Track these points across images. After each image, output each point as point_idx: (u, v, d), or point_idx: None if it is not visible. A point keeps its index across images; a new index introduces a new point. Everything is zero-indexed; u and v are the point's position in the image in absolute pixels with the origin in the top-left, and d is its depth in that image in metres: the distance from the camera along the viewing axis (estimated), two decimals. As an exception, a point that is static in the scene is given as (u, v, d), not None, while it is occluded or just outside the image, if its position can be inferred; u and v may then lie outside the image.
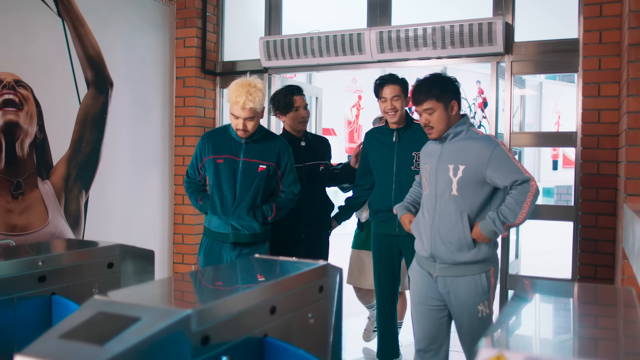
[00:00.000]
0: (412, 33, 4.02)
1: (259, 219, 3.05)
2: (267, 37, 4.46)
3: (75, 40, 3.81)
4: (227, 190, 3.02)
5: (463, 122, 2.69)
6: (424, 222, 2.69)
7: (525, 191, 2.51)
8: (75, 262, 2.07)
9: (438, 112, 2.62)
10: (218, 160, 3.05)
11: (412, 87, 2.68)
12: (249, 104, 2.89)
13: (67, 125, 3.78)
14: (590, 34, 3.49)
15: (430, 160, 2.73)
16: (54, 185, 3.67)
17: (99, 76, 3.99)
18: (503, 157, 2.54)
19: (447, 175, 2.61)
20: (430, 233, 2.64)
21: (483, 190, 2.58)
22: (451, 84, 2.67)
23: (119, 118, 4.13)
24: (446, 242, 2.58)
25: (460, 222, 2.57)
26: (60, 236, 3.64)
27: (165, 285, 1.49)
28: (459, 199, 2.58)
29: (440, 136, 2.67)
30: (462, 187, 2.57)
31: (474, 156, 2.57)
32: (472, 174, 2.56)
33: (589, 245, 3.49)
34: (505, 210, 2.53)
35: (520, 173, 2.52)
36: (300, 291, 1.70)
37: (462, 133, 2.67)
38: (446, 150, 2.67)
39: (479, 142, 2.60)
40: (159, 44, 4.54)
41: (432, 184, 2.68)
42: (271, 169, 3.09)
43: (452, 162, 2.61)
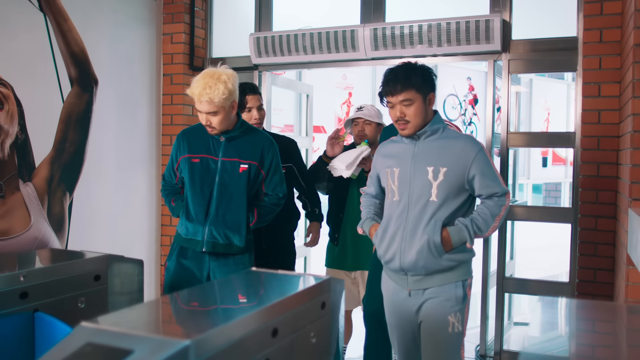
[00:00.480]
0: (407, 30, 3.91)
1: (240, 228, 2.77)
2: (257, 33, 4.33)
3: (58, 36, 3.65)
4: (202, 194, 2.75)
5: (439, 118, 2.45)
6: (392, 232, 2.40)
7: (501, 204, 2.36)
8: (59, 276, 1.94)
9: (417, 104, 2.34)
10: (193, 160, 2.80)
11: (384, 75, 2.42)
12: (205, 97, 2.63)
13: (50, 124, 3.63)
14: (590, 32, 3.41)
15: (400, 162, 2.43)
16: (36, 188, 3.52)
17: (83, 73, 3.84)
18: (486, 162, 2.36)
19: (425, 178, 2.35)
20: (399, 244, 2.36)
21: (460, 197, 2.37)
22: (430, 75, 2.41)
23: (104, 117, 3.99)
24: (417, 252, 2.32)
25: (433, 227, 2.32)
26: (43, 240, 3.50)
27: (159, 308, 1.37)
28: (438, 206, 2.33)
29: (415, 132, 2.39)
30: (442, 192, 2.33)
31: (456, 157, 2.34)
32: (454, 177, 2.33)
33: (588, 249, 3.42)
34: (479, 220, 2.35)
35: (500, 185, 2.37)
36: (303, 310, 1.60)
37: (439, 131, 2.42)
38: (421, 150, 2.39)
39: (461, 141, 2.38)
40: (146, 40, 4.40)
41: (404, 189, 2.39)
42: (253, 168, 2.81)
43: (431, 163, 2.35)
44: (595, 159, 3.42)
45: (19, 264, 1.99)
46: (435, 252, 2.32)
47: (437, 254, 2.33)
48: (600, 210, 3.39)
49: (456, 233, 2.33)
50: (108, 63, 4.04)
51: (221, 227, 2.73)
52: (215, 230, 2.73)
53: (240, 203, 2.77)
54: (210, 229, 2.73)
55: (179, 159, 2.87)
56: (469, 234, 2.33)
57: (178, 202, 2.89)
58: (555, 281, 3.83)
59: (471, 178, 2.35)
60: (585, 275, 3.44)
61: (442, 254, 2.34)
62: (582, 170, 3.45)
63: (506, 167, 3.86)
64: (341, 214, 3.42)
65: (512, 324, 4.43)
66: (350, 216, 3.39)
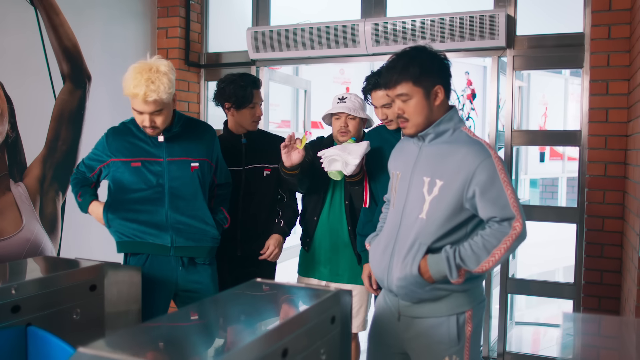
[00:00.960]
0: (410, 25, 3.82)
1: (212, 230, 2.55)
2: (255, 28, 4.22)
3: (49, 31, 3.53)
4: (154, 201, 2.47)
5: (449, 117, 2.00)
6: (382, 247, 2.07)
7: (502, 234, 1.87)
8: (53, 287, 1.84)
9: (415, 99, 1.95)
10: (134, 164, 2.48)
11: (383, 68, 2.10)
12: (152, 95, 2.27)
13: (42, 122, 3.51)
14: (598, 28, 3.32)
15: (404, 166, 2.09)
16: (28, 188, 3.41)
17: (75, 69, 3.71)
18: (492, 175, 1.88)
19: (420, 190, 1.97)
20: (388, 262, 2.02)
21: (457, 218, 1.93)
22: (437, 62, 1.98)
23: (97, 114, 3.87)
24: (400, 278, 1.97)
25: (415, 251, 1.94)
26: (35, 242, 3.39)
27: (161, 331, 1.28)
28: (424, 227, 1.94)
29: (417, 132, 2.01)
30: (434, 210, 1.93)
31: (455, 169, 1.91)
32: (450, 193, 1.91)
33: (595, 250, 3.36)
34: (465, 252, 1.89)
35: (504, 206, 1.87)
36: (313, 326, 1.51)
37: (447, 134, 2.00)
38: (424, 155, 2.02)
39: (465, 148, 1.93)
40: (140, 35, 4.27)
41: (401, 198, 2.05)
42: (205, 165, 2.57)
43: (428, 173, 1.97)
44: (602, 159, 3.34)
45: (10, 275, 1.89)
46: (413, 281, 1.95)
47: (418, 285, 1.95)
48: (607, 211, 3.32)
49: (435, 264, 1.92)
50: (101, 58, 3.92)
51: (186, 232, 2.50)
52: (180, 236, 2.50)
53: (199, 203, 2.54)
54: (174, 234, 2.49)
55: (107, 160, 2.55)
56: (449, 267, 1.88)
57: (85, 198, 2.57)
58: (560, 282, 3.76)
59: (471, 196, 1.90)
60: (592, 277, 3.37)
61: (423, 286, 1.95)
62: (588, 170, 3.38)
63: (510, 165, 3.78)
64: (316, 217, 2.91)
65: (514, 324, 4.37)
66: (328, 221, 2.90)
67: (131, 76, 2.33)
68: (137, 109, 2.37)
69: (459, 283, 1.92)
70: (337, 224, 2.90)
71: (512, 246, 1.88)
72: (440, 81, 1.99)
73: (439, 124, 2.00)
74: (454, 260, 1.89)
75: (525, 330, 4.75)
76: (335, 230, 2.90)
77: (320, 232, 2.93)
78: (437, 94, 1.98)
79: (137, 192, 2.49)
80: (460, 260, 1.89)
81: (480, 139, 2.00)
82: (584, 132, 3.51)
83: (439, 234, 1.93)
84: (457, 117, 2.05)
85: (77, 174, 2.69)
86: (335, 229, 2.90)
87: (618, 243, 3.29)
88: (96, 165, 2.61)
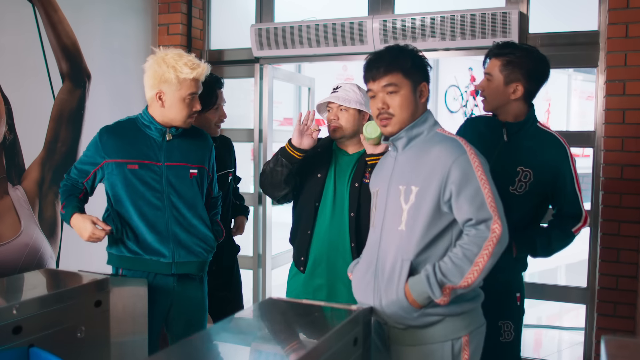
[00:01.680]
0: (419, 22, 3.71)
1: (211, 241, 2.43)
2: (259, 25, 4.10)
3: (47, 28, 3.41)
4: (152, 208, 2.32)
5: (423, 119, 1.86)
6: (363, 270, 1.90)
7: (482, 239, 1.70)
8: (56, 305, 1.74)
9: (403, 92, 1.82)
10: (130, 166, 2.32)
11: (366, 58, 1.95)
12: (208, 69, 2.32)
13: (40, 123, 3.40)
14: (615, 27, 3.22)
15: (382, 180, 1.93)
16: (26, 191, 3.30)
17: (75, 68, 3.60)
18: (467, 172, 1.73)
19: (397, 200, 1.82)
20: (373, 285, 1.83)
21: (437, 225, 1.77)
22: (423, 62, 1.90)
23: (97, 114, 3.76)
24: (386, 303, 1.79)
25: (399, 271, 1.76)
26: (34, 247, 3.29)
27: None
28: (405, 238, 1.78)
29: (399, 130, 1.86)
30: (412, 220, 1.77)
31: (428, 171, 1.77)
32: (427, 199, 1.76)
33: (611, 255, 3.27)
34: (446, 266, 1.71)
35: (481, 206, 1.71)
36: (337, 350, 1.42)
37: (421, 137, 1.86)
38: (398, 164, 1.88)
39: (437, 147, 1.79)
40: (141, 31, 4.16)
41: (380, 214, 1.89)
42: (204, 173, 2.46)
43: (403, 180, 1.82)
44: (619, 161, 3.25)
45: (10, 292, 1.78)
46: (400, 307, 1.77)
47: (405, 311, 1.77)
48: (623, 215, 3.23)
49: (415, 284, 1.73)
50: (101, 56, 3.80)
51: (185, 244, 2.36)
52: (180, 248, 2.36)
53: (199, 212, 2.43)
54: (173, 247, 2.34)
55: (101, 162, 2.38)
56: (430, 285, 1.69)
57: (68, 210, 2.34)
58: (573, 286, 3.67)
59: (448, 198, 1.75)
60: (607, 283, 3.29)
61: (410, 312, 1.77)
62: (604, 173, 3.29)
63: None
64: (310, 230, 2.45)
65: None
66: (328, 235, 2.42)
67: (175, 61, 2.26)
68: (193, 90, 2.30)
69: (445, 303, 1.72)
70: (338, 239, 2.41)
71: (495, 251, 1.71)
72: (425, 79, 1.90)
73: (412, 127, 1.86)
74: (434, 276, 1.70)
75: (527, 333, 4.66)
76: (336, 247, 2.41)
77: (317, 249, 2.44)
78: (422, 92, 1.88)
79: (138, 199, 2.34)
80: (442, 275, 1.71)
81: (456, 137, 1.86)
82: (598, 133, 3.42)
83: (421, 245, 1.76)
84: (432, 119, 1.92)
85: (67, 181, 2.48)
86: (335, 246, 2.41)
87: (635, 247, 3.20)
88: (90, 169, 2.42)
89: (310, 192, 2.45)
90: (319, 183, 2.42)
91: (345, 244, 2.37)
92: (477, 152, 1.79)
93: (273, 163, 2.37)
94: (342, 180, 2.42)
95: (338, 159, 2.46)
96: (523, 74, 2.24)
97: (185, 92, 2.30)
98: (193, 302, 2.48)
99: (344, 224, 2.37)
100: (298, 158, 2.34)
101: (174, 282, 2.37)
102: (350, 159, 2.45)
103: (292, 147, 2.35)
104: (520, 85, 2.25)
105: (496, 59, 2.30)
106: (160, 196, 2.34)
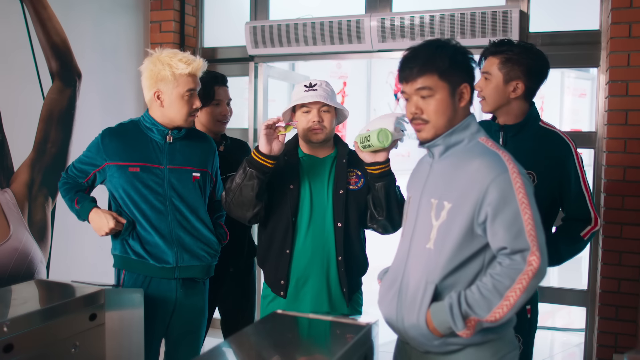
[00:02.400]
0: (418, 20, 3.64)
1: (214, 245, 2.37)
2: (253, 22, 4.02)
3: (36, 26, 3.31)
4: (155, 212, 2.27)
5: (465, 125, 1.68)
6: (388, 284, 1.76)
7: (516, 271, 1.53)
8: (49, 320, 1.66)
9: (439, 96, 1.64)
10: (132, 169, 2.27)
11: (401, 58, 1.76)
12: (204, 66, 2.28)
13: (30, 124, 3.30)
14: (618, 26, 3.17)
15: (415, 187, 1.78)
16: (15, 194, 3.20)
17: (64, 67, 3.49)
18: (506, 193, 1.56)
19: (428, 215, 1.67)
20: (396, 303, 1.69)
21: (470, 247, 1.61)
22: (466, 58, 1.69)
23: (88, 113, 3.66)
24: (408, 325, 1.66)
25: (422, 296, 1.62)
26: (24, 251, 3.19)
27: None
28: (433, 259, 1.63)
29: (434, 137, 1.68)
30: (442, 239, 1.62)
31: (464, 187, 1.60)
32: (459, 218, 1.60)
33: (613, 257, 3.23)
34: (473, 296, 1.55)
35: (518, 234, 1.54)
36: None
37: (461, 145, 1.69)
38: (433, 173, 1.72)
39: (477, 161, 1.61)
40: (132, 29, 4.06)
41: (410, 225, 1.74)
42: (206, 177, 2.41)
43: (436, 194, 1.67)
44: (621, 163, 3.20)
45: (0, 309, 1.69)
46: (420, 332, 1.64)
47: (425, 337, 1.64)
48: (626, 217, 3.19)
49: (438, 313, 1.58)
50: (92, 54, 3.70)
51: (190, 247, 2.31)
52: (184, 252, 2.30)
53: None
54: (178, 251, 2.29)
55: (102, 164, 2.33)
56: (452, 316, 1.54)
57: (85, 205, 2.31)
58: (573, 289, 3.63)
59: (482, 220, 1.58)
60: (609, 286, 3.25)
61: (431, 339, 1.63)
62: (606, 174, 3.24)
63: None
64: (288, 249, 2.19)
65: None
66: (311, 250, 2.19)
67: (170, 58, 2.23)
68: (190, 86, 2.26)
69: (468, 336, 1.55)
70: (322, 254, 2.18)
71: (530, 286, 1.52)
72: (467, 79, 1.68)
73: (451, 133, 1.67)
74: (458, 307, 1.54)
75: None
76: (319, 264, 2.17)
77: (298, 269, 2.18)
78: (462, 94, 1.67)
79: (141, 202, 2.28)
80: (467, 306, 1.54)
81: (500, 151, 1.66)
82: (599, 134, 3.38)
83: (449, 268, 1.60)
84: (474, 126, 1.71)
85: (68, 179, 2.43)
86: (318, 262, 2.18)
87: (637, 250, 3.17)
88: (90, 169, 2.37)
89: (283, 206, 2.20)
90: (293, 195, 2.18)
91: (330, 258, 2.17)
92: (520, 171, 1.60)
93: (240, 178, 2.11)
94: (319, 188, 2.21)
95: (309, 166, 2.24)
96: (523, 70, 2.15)
97: (183, 88, 2.25)
98: (194, 307, 2.42)
99: (327, 236, 2.18)
100: (270, 166, 2.10)
101: (177, 287, 2.32)
102: (324, 164, 2.25)
103: (261, 155, 2.09)
104: (520, 83, 2.16)
105: (494, 57, 2.21)
106: (162, 199, 2.29)
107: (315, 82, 2.21)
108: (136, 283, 2.26)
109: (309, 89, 2.18)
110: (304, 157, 2.26)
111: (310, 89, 2.18)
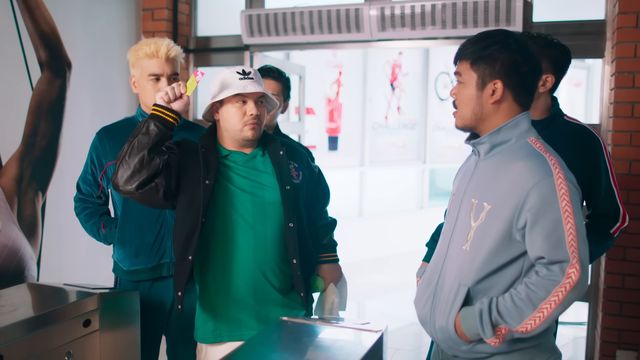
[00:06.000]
0: (419, 9, 3.54)
1: None
2: (249, 10, 3.91)
3: (24, 14, 3.18)
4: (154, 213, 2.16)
5: (514, 123, 1.57)
6: (425, 283, 1.70)
7: (553, 283, 1.45)
8: (41, 328, 1.57)
9: (467, 87, 1.58)
10: None
11: None
12: (173, 51, 2.16)
13: (18, 116, 3.18)
14: (625, 16, 3.09)
15: (459, 185, 1.71)
16: (4, 189, 3.09)
17: (54, 56, 3.37)
18: (549, 199, 1.47)
19: (467, 215, 1.61)
20: (431, 303, 1.64)
21: (507, 253, 1.53)
22: (513, 56, 1.55)
23: (79, 104, 3.55)
24: (438, 328, 1.62)
25: (453, 298, 1.57)
26: (13, 248, 3.09)
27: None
28: (467, 262, 1.57)
29: (463, 127, 1.63)
30: (478, 241, 1.55)
31: (506, 190, 1.52)
32: (498, 222, 1.52)
33: (617, 253, 3.17)
34: (505, 304, 1.49)
35: (558, 244, 1.45)
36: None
37: (508, 144, 1.58)
38: (477, 173, 1.64)
39: (521, 162, 1.52)
40: (124, 17, 3.93)
41: (450, 224, 1.68)
42: None
43: (477, 194, 1.59)
44: (626, 156, 3.14)
45: (-10, 316, 1.61)
46: (448, 336, 1.59)
47: (453, 342, 1.58)
48: (631, 212, 3.09)
49: (467, 318, 1.53)
50: (82, 43, 3.58)
51: None
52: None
53: None
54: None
55: (105, 165, 2.24)
56: (481, 323, 1.49)
57: (111, 228, 2.24)
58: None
59: (522, 226, 1.50)
60: (613, 281, 3.20)
61: (459, 344, 1.57)
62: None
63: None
64: (191, 256, 1.90)
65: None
66: (246, 257, 1.93)
67: (140, 45, 2.20)
68: (157, 71, 2.16)
69: (497, 345, 1.49)
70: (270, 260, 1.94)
71: (566, 299, 1.44)
72: (505, 80, 1.56)
73: (498, 131, 1.57)
74: (488, 314, 1.48)
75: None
76: (264, 271, 1.93)
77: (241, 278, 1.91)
78: (495, 91, 1.56)
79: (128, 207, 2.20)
80: (498, 314, 1.48)
81: (548, 153, 1.54)
82: (604, 127, 3.31)
83: (484, 272, 1.53)
84: (524, 124, 1.59)
85: (85, 203, 2.34)
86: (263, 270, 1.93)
87: (642, 246, 3.11)
88: (97, 174, 2.29)
89: (194, 204, 1.88)
90: (207, 192, 1.88)
91: (281, 262, 1.95)
92: (567, 177, 1.50)
93: (135, 134, 1.80)
94: (258, 187, 1.95)
95: (239, 164, 1.97)
96: (551, 64, 2.10)
97: (146, 71, 2.21)
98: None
99: (275, 239, 1.94)
100: (171, 121, 1.84)
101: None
102: (255, 160, 1.99)
103: (162, 108, 1.83)
104: (550, 76, 2.11)
105: None
106: None
107: (250, 69, 1.95)
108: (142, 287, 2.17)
109: (245, 76, 1.91)
110: (231, 155, 1.98)
111: (246, 77, 1.91)
